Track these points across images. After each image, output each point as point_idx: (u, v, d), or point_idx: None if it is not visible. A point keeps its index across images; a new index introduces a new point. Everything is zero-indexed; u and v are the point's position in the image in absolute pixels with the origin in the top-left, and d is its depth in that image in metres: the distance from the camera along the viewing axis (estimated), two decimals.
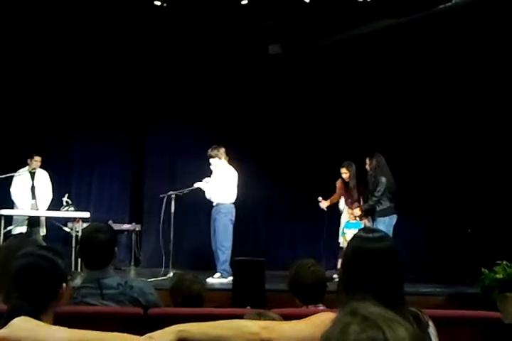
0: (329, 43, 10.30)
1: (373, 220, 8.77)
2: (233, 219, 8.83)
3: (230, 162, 9.05)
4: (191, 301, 3.87)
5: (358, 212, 8.96)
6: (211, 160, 8.91)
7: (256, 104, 11.20)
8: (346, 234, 8.97)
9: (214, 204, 8.89)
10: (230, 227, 8.81)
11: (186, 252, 10.66)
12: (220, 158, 8.90)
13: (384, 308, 1.35)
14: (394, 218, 8.60)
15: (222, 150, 8.95)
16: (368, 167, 8.86)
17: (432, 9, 8.85)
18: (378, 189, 8.54)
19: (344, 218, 9.25)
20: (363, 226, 8.71)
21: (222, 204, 8.82)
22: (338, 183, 9.40)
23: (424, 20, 9.07)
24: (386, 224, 8.36)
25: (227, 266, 8.59)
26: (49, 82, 10.73)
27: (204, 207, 9.25)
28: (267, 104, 11.25)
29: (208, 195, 8.94)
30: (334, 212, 9.44)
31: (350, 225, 9.04)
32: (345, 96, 11.04)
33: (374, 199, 8.62)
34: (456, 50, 9.64)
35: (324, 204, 9.43)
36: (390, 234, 7.65)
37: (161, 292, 4.02)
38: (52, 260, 2.39)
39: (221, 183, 8.83)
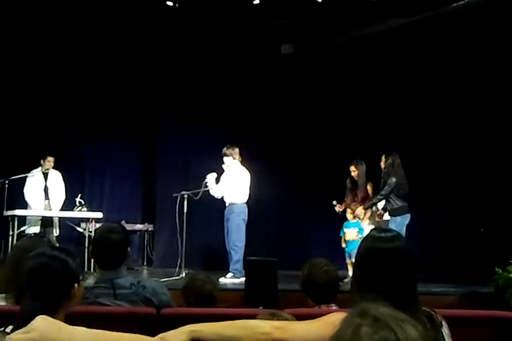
0: (341, 43, 10.29)
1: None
2: (246, 218, 8.83)
3: (243, 163, 9.05)
4: (203, 301, 3.87)
5: (361, 210, 8.92)
6: (225, 159, 8.92)
7: (268, 103, 11.21)
8: (346, 233, 8.97)
9: (227, 204, 8.90)
10: (243, 227, 8.81)
11: (199, 252, 10.68)
12: (234, 158, 8.91)
13: (394, 308, 1.34)
14: (407, 218, 8.49)
15: (237, 150, 8.97)
16: (382, 164, 8.79)
17: (444, 7, 8.82)
18: (386, 188, 8.48)
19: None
20: (368, 226, 8.69)
21: (235, 204, 8.82)
22: (348, 182, 9.34)
23: (438, 18, 9.05)
24: (398, 224, 8.29)
25: (239, 266, 8.59)
26: (61, 83, 10.78)
27: (217, 206, 9.25)
28: (279, 103, 11.25)
29: (212, 192, 8.95)
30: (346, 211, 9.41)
31: (349, 225, 9.03)
32: (358, 95, 11.02)
33: (378, 197, 8.58)
34: (470, 48, 9.59)
35: (339, 208, 9.39)
36: (403, 233, 7.61)
37: (173, 292, 4.02)
38: (64, 260, 2.41)
39: (233, 183, 8.83)
